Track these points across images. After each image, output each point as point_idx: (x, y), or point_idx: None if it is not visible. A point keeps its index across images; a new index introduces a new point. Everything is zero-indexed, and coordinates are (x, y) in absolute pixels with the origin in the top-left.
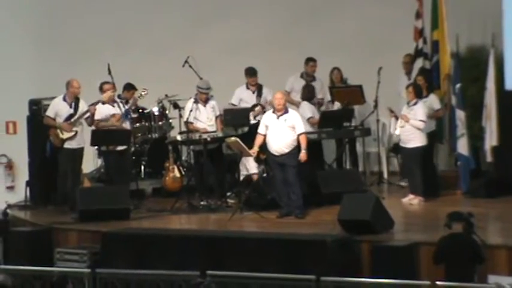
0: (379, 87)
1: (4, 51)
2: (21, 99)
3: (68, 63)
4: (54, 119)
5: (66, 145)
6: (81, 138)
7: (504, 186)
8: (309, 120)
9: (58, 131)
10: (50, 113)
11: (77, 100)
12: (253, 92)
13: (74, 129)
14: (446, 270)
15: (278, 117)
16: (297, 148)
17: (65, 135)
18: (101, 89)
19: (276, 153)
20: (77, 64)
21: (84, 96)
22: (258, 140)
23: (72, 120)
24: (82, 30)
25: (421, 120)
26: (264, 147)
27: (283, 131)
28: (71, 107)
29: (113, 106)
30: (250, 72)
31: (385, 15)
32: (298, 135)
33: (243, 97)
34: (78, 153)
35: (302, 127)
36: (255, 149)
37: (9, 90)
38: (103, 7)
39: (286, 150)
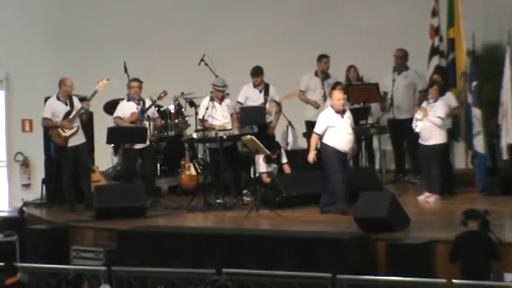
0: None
1: (20, 49)
2: (37, 97)
3: (83, 62)
4: (51, 120)
5: (69, 143)
6: (81, 134)
7: None
8: None
9: (59, 130)
10: (47, 114)
11: (70, 97)
12: (260, 91)
13: (75, 124)
14: (462, 268)
15: (342, 116)
16: None
17: (67, 132)
18: (128, 86)
19: (349, 151)
20: (93, 62)
21: (100, 93)
22: (315, 141)
23: (71, 117)
24: (98, 28)
25: (438, 117)
26: (273, 145)
27: (349, 128)
28: (66, 104)
29: (137, 104)
30: (253, 72)
31: (400, 13)
32: None
33: (249, 95)
34: (82, 148)
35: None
36: (313, 152)
37: (25, 89)
38: (119, 5)
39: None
